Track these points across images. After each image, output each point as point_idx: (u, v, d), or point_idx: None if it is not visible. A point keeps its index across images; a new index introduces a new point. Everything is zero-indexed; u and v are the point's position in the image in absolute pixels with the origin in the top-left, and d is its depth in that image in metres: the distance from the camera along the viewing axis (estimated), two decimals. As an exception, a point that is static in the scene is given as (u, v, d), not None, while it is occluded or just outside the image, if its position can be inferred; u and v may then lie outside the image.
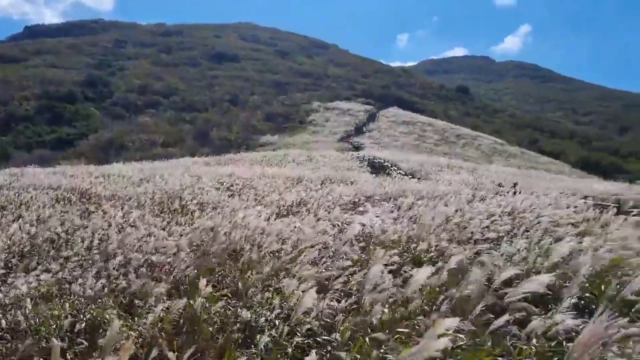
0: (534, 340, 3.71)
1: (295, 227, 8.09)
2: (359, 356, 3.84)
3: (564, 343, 3.77)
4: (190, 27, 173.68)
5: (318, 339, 4.35)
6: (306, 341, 4.31)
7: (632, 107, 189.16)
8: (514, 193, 17.06)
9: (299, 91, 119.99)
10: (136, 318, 4.74)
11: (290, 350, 4.15)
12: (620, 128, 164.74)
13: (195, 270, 5.88)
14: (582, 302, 4.60)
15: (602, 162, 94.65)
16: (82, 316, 4.77)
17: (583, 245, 5.79)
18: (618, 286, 4.37)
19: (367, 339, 4.00)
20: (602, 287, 4.80)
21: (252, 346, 4.17)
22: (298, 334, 4.41)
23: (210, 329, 4.53)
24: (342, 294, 5.17)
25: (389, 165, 43.20)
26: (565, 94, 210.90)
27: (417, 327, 4.08)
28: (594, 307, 4.58)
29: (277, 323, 4.58)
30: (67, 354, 4.25)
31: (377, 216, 9.07)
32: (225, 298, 5.15)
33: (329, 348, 4.12)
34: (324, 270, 5.69)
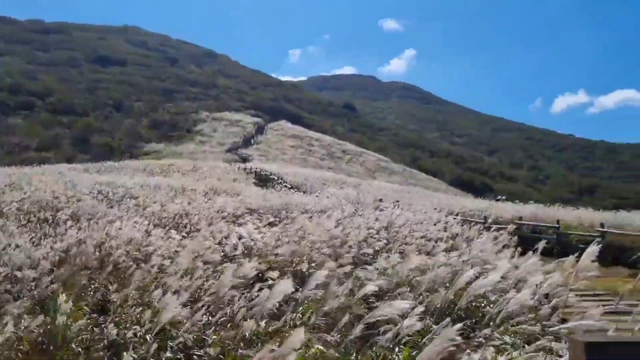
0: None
1: (174, 238, 7.90)
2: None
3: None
4: (71, 27, 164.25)
5: (192, 354, 4.27)
6: (176, 357, 4.21)
7: (500, 131, 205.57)
8: (394, 208, 17.80)
9: (188, 100, 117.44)
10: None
11: (160, 366, 4.03)
12: (490, 150, 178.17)
13: (61, 285, 5.54)
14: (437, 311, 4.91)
15: (474, 181, 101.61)
16: None
17: (449, 261, 6.19)
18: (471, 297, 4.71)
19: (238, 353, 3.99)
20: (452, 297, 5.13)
21: (118, 364, 4.00)
22: (169, 349, 4.29)
23: (74, 347, 4.29)
24: (218, 307, 5.11)
25: (276, 178, 43.47)
26: (443, 116, 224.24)
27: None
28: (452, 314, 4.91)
29: (147, 338, 4.43)
30: None
31: (257, 228, 9.09)
32: (91, 314, 4.91)
33: (200, 363, 4.05)
34: (200, 283, 5.60)
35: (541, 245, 7.49)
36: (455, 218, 16.96)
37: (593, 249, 4.94)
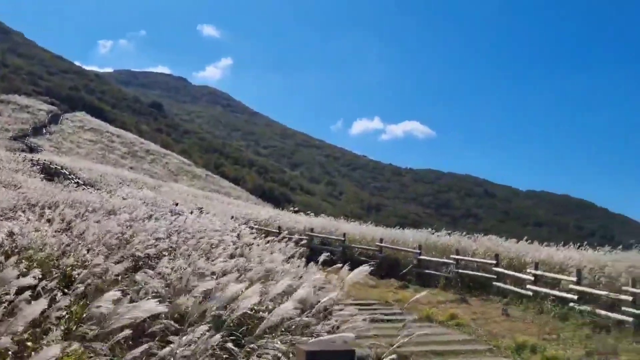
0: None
1: None
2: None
3: None
4: None
5: None
6: None
7: (303, 146, 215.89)
8: (191, 213, 17.50)
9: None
10: None
11: None
12: (292, 163, 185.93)
13: None
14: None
15: (274, 192, 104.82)
16: None
17: (231, 265, 6.25)
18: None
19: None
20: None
21: None
22: None
23: None
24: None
25: (67, 173, 40.15)
26: (251, 126, 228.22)
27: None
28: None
29: None
30: None
31: (32, 226, 8.22)
32: None
33: None
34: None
35: (324, 256, 7.93)
36: (251, 227, 17.25)
37: (365, 268, 5.42)
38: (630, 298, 10.82)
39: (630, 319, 10.50)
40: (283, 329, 4.72)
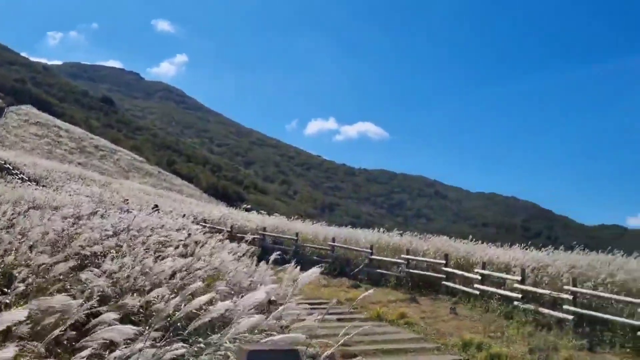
0: None
1: None
2: None
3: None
4: None
5: None
6: None
7: (258, 145, 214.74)
8: (139, 210, 17.18)
9: None
10: None
11: None
12: (246, 162, 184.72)
13: None
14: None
15: (228, 190, 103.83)
16: None
17: (178, 265, 6.15)
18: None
19: None
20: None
21: None
22: None
23: None
24: None
25: (11, 168, 38.71)
26: (205, 123, 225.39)
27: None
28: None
29: None
30: None
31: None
32: None
33: None
34: None
35: (275, 255, 7.90)
36: (203, 225, 17.06)
37: (316, 269, 5.43)
38: (570, 297, 11.24)
39: (571, 317, 10.91)
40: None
